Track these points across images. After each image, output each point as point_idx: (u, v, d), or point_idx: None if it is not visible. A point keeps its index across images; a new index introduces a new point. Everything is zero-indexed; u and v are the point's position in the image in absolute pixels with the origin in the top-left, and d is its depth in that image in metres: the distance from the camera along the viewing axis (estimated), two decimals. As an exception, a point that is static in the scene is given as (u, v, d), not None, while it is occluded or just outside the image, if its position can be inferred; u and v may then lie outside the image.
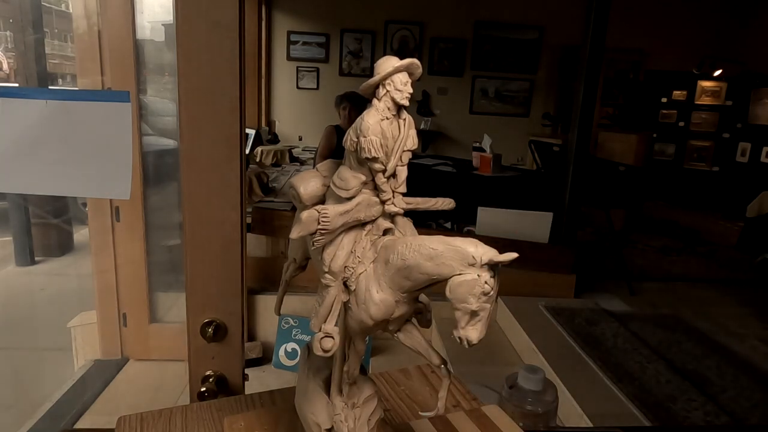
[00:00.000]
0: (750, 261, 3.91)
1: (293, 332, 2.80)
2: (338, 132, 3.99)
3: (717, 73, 5.75)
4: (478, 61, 6.74)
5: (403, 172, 0.45)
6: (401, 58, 0.43)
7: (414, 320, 0.49)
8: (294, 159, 5.48)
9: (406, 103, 0.43)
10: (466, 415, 0.69)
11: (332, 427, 0.51)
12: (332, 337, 0.45)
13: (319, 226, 0.43)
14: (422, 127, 6.63)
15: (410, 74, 0.43)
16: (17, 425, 2.04)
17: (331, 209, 0.43)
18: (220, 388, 0.90)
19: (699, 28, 6.18)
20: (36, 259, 3.44)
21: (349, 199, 0.44)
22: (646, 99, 6.15)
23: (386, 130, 0.43)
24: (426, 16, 6.57)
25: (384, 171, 0.43)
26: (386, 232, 0.46)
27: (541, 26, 6.54)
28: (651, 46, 6.21)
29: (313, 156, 4.90)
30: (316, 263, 0.49)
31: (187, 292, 0.89)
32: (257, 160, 4.96)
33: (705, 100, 5.84)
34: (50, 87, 2.94)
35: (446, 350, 2.32)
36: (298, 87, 6.77)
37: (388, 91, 0.42)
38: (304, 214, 0.43)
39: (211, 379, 0.91)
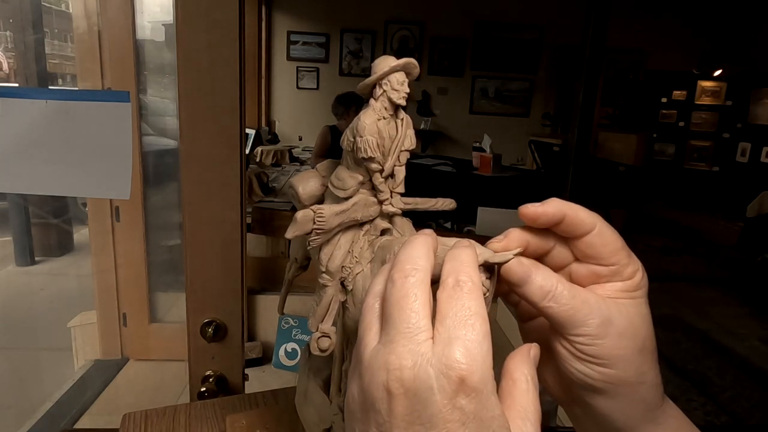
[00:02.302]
0: (750, 261, 3.90)
1: (293, 332, 2.80)
2: (333, 132, 4.00)
3: (717, 73, 5.75)
4: (478, 61, 6.74)
5: (401, 172, 0.45)
6: (400, 58, 0.43)
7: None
8: (294, 159, 5.47)
9: (402, 102, 0.43)
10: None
11: (331, 426, 0.51)
12: (329, 337, 0.45)
13: (315, 226, 0.43)
14: (422, 127, 6.63)
15: (407, 74, 0.43)
16: (17, 425, 2.04)
17: (327, 209, 0.43)
18: (220, 388, 0.91)
19: (699, 28, 6.17)
20: (36, 259, 3.44)
21: (347, 199, 0.45)
22: (646, 99, 6.15)
23: (383, 129, 0.43)
24: (426, 16, 6.56)
25: (381, 171, 0.43)
26: (384, 232, 0.46)
27: (541, 26, 6.54)
28: (651, 46, 6.21)
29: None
30: (315, 263, 0.49)
31: (187, 292, 0.89)
32: (257, 160, 4.95)
33: (705, 100, 5.84)
34: (50, 87, 2.94)
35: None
36: (298, 87, 6.77)
37: (384, 90, 0.42)
38: (300, 214, 0.43)
39: (211, 379, 0.91)
